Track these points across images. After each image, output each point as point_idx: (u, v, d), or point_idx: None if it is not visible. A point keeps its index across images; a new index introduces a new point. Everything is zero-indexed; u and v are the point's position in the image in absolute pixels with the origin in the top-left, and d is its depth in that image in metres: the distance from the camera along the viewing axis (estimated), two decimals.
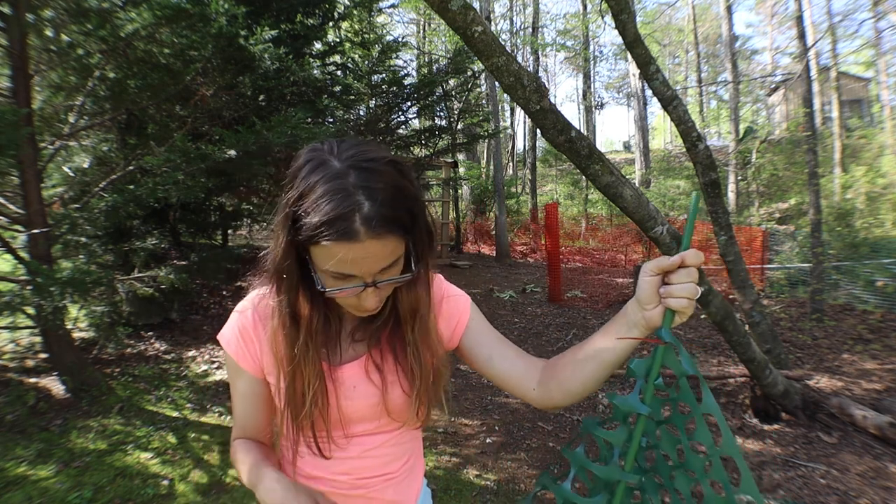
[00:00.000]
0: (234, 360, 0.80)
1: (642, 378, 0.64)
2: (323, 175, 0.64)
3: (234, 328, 0.80)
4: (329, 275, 0.67)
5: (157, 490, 2.52)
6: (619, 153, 34.34)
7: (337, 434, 0.81)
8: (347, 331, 0.84)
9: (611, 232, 14.63)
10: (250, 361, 0.80)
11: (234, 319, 0.81)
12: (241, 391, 0.82)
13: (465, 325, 0.87)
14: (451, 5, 2.09)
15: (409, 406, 0.82)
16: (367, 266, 0.66)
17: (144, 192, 3.53)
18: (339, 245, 0.63)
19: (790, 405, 3.31)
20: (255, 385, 0.82)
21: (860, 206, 11.47)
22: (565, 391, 0.76)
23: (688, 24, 26.43)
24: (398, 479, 0.87)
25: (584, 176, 3.12)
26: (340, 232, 0.62)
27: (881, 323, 5.44)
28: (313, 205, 0.63)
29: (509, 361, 0.85)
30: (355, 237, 0.62)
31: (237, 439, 0.85)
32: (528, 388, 0.82)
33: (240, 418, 0.84)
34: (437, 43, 17.31)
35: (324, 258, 0.65)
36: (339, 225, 0.62)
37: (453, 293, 0.89)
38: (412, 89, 8.10)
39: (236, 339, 0.80)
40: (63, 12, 3.35)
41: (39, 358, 3.90)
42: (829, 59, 17.66)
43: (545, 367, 0.82)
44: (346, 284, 0.68)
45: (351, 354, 0.82)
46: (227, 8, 3.73)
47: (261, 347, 0.79)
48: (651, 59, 3.07)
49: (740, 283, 3.44)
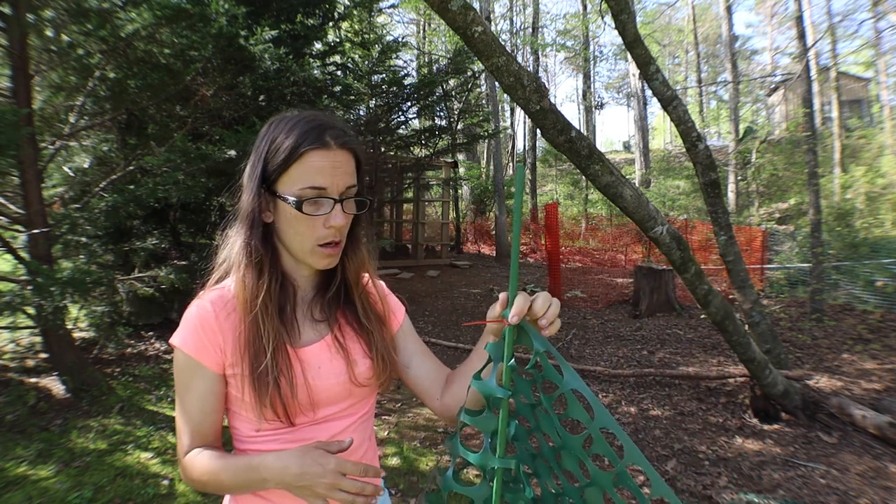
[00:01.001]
0: (195, 357, 0.77)
1: (498, 361, 0.64)
2: (287, 121, 0.78)
3: (192, 324, 0.78)
4: (303, 198, 0.75)
5: (157, 490, 2.52)
6: (619, 153, 34.34)
7: (306, 419, 0.80)
8: (304, 311, 0.85)
9: (611, 232, 14.64)
10: (213, 354, 0.77)
11: (191, 316, 0.79)
12: (200, 392, 0.78)
13: (399, 323, 0.95)
14: (451, 5, 2.09)
15: (373, 369, 0.85)
16: (337, 177, 0.76)
17: (144, 192, 3.53)
18: (315, 153, 0.75)
19: (790, 405, 3.31)
20: (215, 383, 0.79)
21: (860, 206, 11.48)
22: (458, 402, 0.83)
23: (688, 24, 26.44)
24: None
25: (584, 176, 3.12)
26: (315, 139, 0.75)
27: (881, 323, 5.44)
28: (286, 137, 0.76)
29: (424, 371, 0.91)
30: (328, 145, 0.75)
31: (193, 449, 0.79)
32: (434, 398, 0.89)
33: (197, 424, 0.79)
34: (437, 43, 17.31)
35: (298, 175, 0.75)
36: (313, 135, 0.75)
37: (395, 297, 0.98)
38: (412, 89, 8.10)
39: (196, 335, 0.78)
40: (63, 12, 3.35)
41: (40, 358, 3.91)
42: (828, 59, 17.68)
43: (446, 380, 0.89)
44: (318, 208, 0.76)
45: (312, 336, 0.83)
46: (227, 8, 3.73)
47: (224, 337, 0.78)
48: (651, 59, 3.08)
49: (740, 283, 3.45)
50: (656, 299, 6.34)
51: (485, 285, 8.36)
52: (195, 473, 0.77)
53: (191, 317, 0.79)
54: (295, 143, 0.75)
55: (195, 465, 0.77)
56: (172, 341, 0.80)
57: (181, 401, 0.80)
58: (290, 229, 0.78)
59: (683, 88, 25.82)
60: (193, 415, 0.79)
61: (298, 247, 0.79)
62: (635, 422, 3.47)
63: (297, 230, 0.77)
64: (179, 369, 0.79)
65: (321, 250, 0.78)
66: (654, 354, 4.88)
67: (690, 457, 2.97)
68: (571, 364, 4.60)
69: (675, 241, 2.75)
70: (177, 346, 0.79)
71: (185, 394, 0.79)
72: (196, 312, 0.79)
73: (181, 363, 0.79)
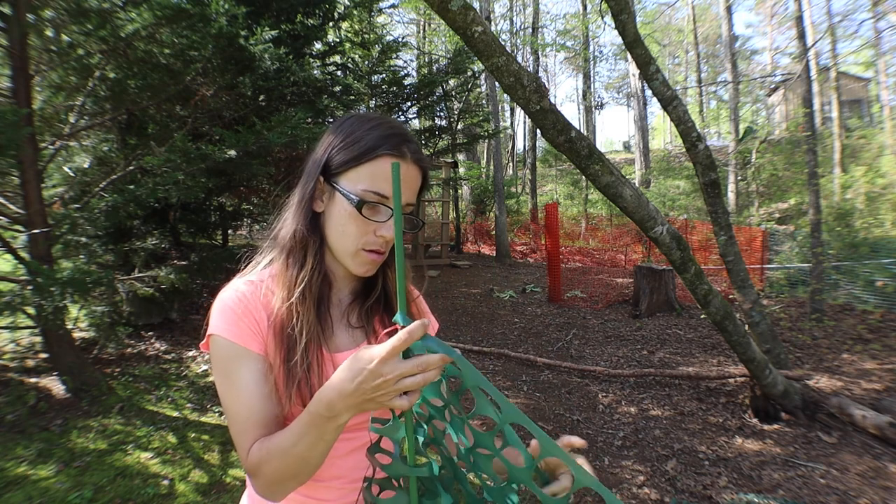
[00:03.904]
0: (238, 343, 0.71)
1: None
2: (369, 119, 0.77)
3: (228, 310, 0.73)
4: (365, 199, 0.74)
5: (157, 490, 2.52)
6: (619, 153, 34.34)
7: None
8: (340, 314, 0.83)
9: (611, 232, 14.63)
10: (255, 337, 0.72)
11: (227, 301, 0.74)
12: (251, 378, 0.70)
13: None
14: (452, 6, 2.10)
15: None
16: (404, 192, 0.74)
17: (144, 192, 3.53)
18: (391, 160, 0.73)
19: (790, 405, 3.31)
20: (264, 365, 0.72)
21: (860, 206, 11.48)
22: None
23: (687, 24, 26.44)
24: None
25: (584, 176, 3.12)
26: (394, 147, 0.74)
27: (881, 323, 5.44)
28: (365, 133, 0.75)
29: None
30: (405, 156, 0.75)
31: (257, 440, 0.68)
32: None
33: (254, 415, 0.69)
34: (437, 43, 17.32)
35: (367, 175, 0.74)
36: (394, 141, 0.74)
37: (433, 316, 0.94)
38: (412, 89, 8.11)
39: (236, 319, 0.72)
40: (63, 12, 3.35)
41: (40, 358, 3.91)
42: (828, 59, 17.67)
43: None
44: (375, 214, 0.75)
45: (346, 342, 0.81)
46: (227, 8, 3.73)
47: (261, 321, 0.74)
48: (651, 59, 3.08)
49: (740, 283, 3.45)
50: (656, 299, 6.34)
51: (485, 285, 8.36)
52: (268, 467, 0.65)
53: (226, 302, 0.74)
54: (373, 144, 0.74)
55: (262, 458, 0.66)
56: (210, 332, 0.73)
57: (231, 397, 0.70)
58: (339, 225, 0.76)
59: (683, 88, 25.82)
60: (248, 406, 0.69)
61: (342, 245, 0.77)
62: (635, 422, 3.47)
63: (346, 229, 0.76)
64: (222, 360, 0.71)
65: (365, 255, 0.77)
66: (654, 354, 4.88)
67: (690, 457, 2.97)
68: (570, 363, 4.60)
69: (675, 241, 2.76)
70: (215, 334, 0.72)
71: (232, 387, 0.70)
72: (232, 296, 0.75)
73: (223, 352, 0.71)
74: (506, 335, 5.62)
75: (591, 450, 3.15)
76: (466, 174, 14.84)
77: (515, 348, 5.10)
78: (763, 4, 27.50)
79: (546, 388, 4.10)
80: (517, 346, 5.23)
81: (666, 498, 2.58)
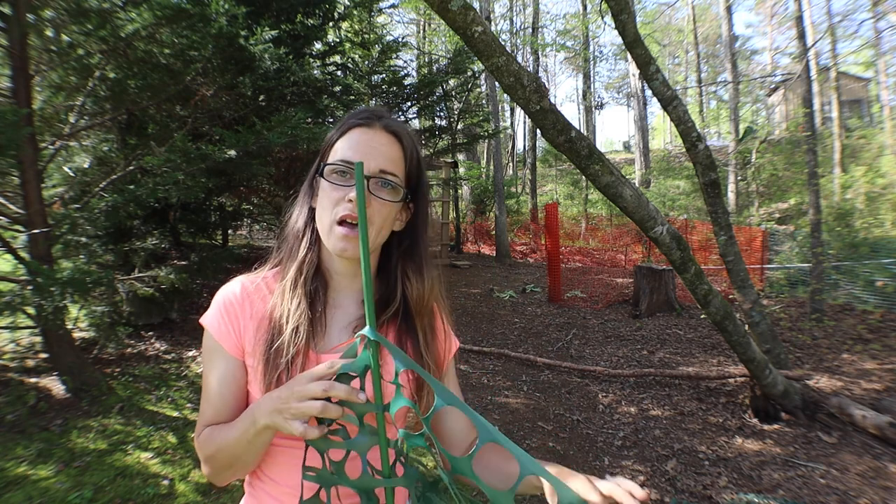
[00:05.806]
0: (216, 338, 0.78)
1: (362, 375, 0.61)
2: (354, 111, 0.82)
3: (217, 306, 0.80)
4: (336, 169, 0.75)
5: (157, 490, 2.52)
6: (619, 153, 34.33)
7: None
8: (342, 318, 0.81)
9: (611, 232, 14.63)
10: (231, 339, 0.77)
11: (219, 298, 0.80)
12: (220, 373, 0.77)
13: (447, 363, 0.89)
14: (452, 6, 2.10)
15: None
16: (371, 156, 0.75)
17: (144, 192, 3.53)
18: (358, 129, 0.77)
19: (790, 405, 3.31)
20: (234, 366, 0.77)
21: (860, 206, 11.48)
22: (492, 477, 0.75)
23: (687, 24, 26.44)
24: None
25: (584, 176, 3.12)
26: (361, 119, 0.78)
27: (881, 323, 5.44)
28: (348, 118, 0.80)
29: (458, 426, 0.86)
30: (371, 125, 0.78)
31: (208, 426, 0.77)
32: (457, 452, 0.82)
33: (214, 405, 0.77)
34: (437, 43, 17.31)
35: (339, 149, 0.77)
36: (363, 115, 0.79)
37: (451, 330, 0.91)
38: (412, 89, 8.11)
39: (219, 317, 0.78)
40: (63, 12, 3.34)
41: (40, 358, 3.90)
42: (828, 59, 17.67)
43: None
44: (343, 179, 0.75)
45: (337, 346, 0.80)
46: (227, 8, 3.73)
47: (244, 325, 0.77)
48: (651, 59, 3.08)
49: (740, 283, 3.45)
50: (656, 299, 6.34)
51: (485, 285, 8.35)
52: (208, 444, 0.75)
53: (218, 299, 0.81)
54: (347, 123, 0.79)
55: (206, 439, 0.75)
56: (201, 320, 0.81)
57: (205, 380, 0.80)
58: (318, 206, 0.78)
59: (683, 88, 25.82)
60: (213, 396, 0.78)
61: (322, 225, 0.76)
62: (635, 422, 3.47)
63: (323, 204, 0.77)
64: (205, 348, 0.81)
65: (338, 229, 0.73)
66: (654, 354, 4.88)
67: (690, 457, 2.97)
68: (570, 363, 4.60)
69: (675, 241, 2.76)
70: (203, 325, 0.80)
71: (208, 374, 0.80)
72: (223, 295, 0.81)
73: (206, 342, 0.80)
74: (506, 335, 5.62)
75: (591, 450, 3.15)
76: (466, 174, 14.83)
77: (515, 348, 5.10)
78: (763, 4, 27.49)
79: (546, 388, 4.10)
80: (517, 346, 5.22)
81: (666, 498, 2.58)
